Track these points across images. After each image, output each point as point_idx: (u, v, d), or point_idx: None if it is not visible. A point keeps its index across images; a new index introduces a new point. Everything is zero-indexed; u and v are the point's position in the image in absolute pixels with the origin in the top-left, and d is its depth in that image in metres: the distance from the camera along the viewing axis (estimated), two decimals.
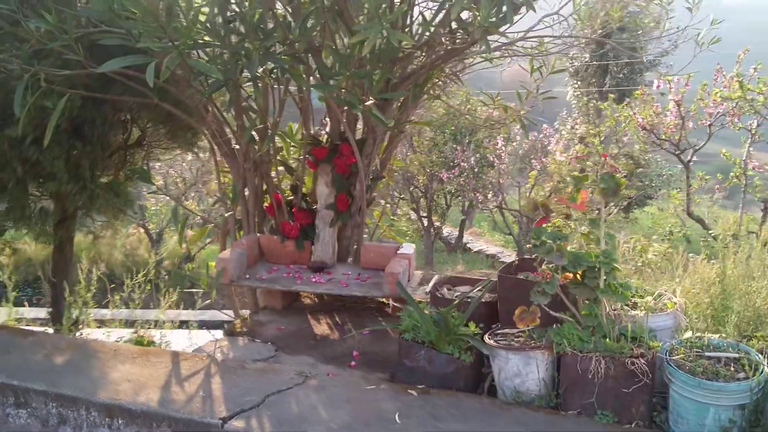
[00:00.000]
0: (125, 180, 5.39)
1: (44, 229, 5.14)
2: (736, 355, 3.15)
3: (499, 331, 3.60)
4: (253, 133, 4.64)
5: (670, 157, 8.87)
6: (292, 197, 5.16)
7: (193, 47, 4.03)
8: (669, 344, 3.24)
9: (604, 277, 3.27)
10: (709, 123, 7.61)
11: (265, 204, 5.26)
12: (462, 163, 11.73)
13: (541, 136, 11.43)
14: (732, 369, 3.07)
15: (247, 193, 5.14)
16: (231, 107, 4.36)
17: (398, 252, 4.82)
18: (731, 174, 8.04)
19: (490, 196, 12.23)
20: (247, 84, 4.81)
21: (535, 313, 3.20)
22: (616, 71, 19.74)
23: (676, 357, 3.11)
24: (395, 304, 4.80)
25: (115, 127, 5.12)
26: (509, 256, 14.48)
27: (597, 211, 3.28)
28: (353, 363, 3.98)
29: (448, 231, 16.68)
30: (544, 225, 3.43)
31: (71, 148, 4.82)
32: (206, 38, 4.09)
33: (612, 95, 11.96)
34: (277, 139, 5.15)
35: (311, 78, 4.38)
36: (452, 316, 3.60)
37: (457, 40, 4.25)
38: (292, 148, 5.44)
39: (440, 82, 5.52)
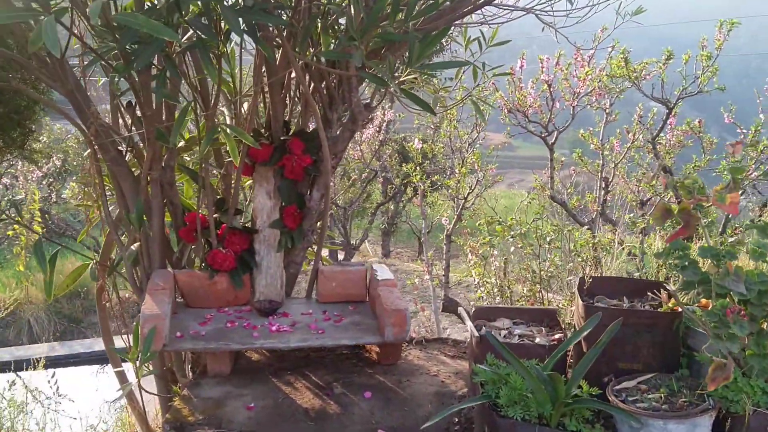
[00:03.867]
0: None
1: None
2: None
3: (617, 388, 2.68)
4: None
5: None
6: (217, 215, 3.72)
7: None
8: None
9: None
10: (574, 104, 7.45)
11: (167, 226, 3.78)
12: None
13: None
14: None
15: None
16: (162, 89, 2.85)
17: (378, 278, 3.65)
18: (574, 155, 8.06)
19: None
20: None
21: (729, 368, 2.32)
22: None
23: None
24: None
25: None
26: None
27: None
28: None
29: None
30: (681, 237, 2.56)
31: None
32: None
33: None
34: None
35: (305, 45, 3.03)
36: (557, 375, 2.59)
37: None
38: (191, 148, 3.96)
39: None
